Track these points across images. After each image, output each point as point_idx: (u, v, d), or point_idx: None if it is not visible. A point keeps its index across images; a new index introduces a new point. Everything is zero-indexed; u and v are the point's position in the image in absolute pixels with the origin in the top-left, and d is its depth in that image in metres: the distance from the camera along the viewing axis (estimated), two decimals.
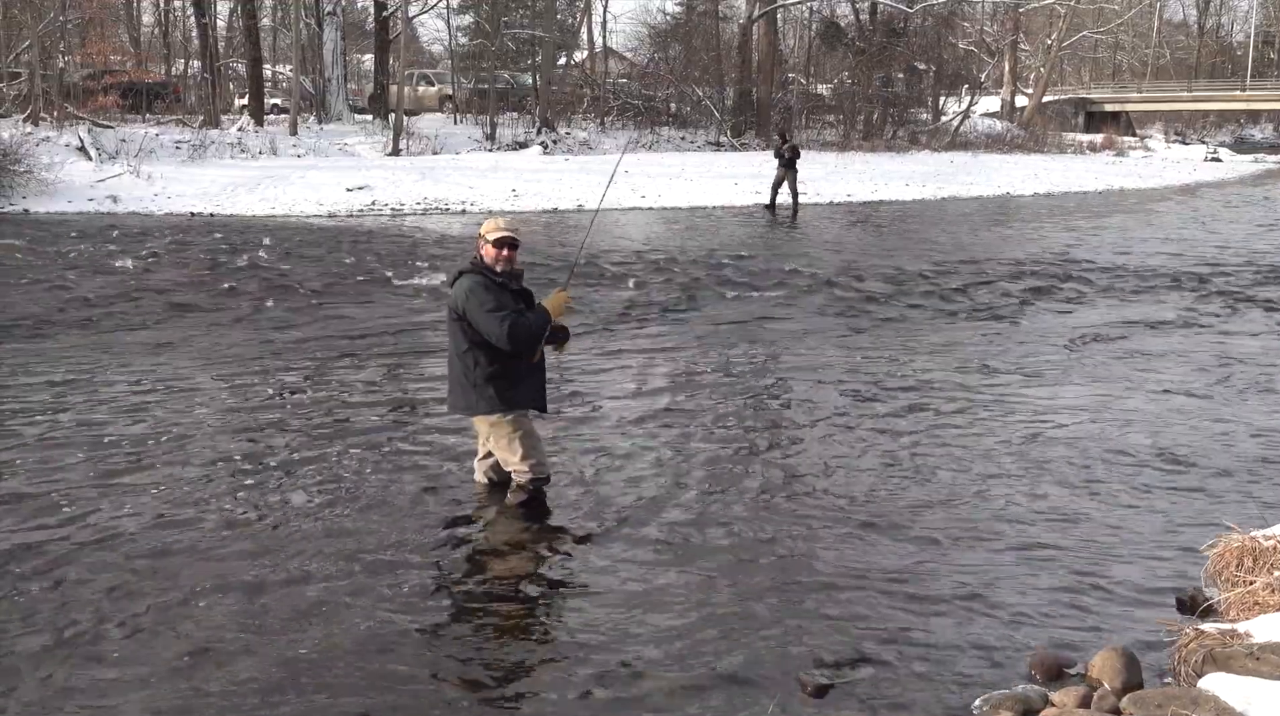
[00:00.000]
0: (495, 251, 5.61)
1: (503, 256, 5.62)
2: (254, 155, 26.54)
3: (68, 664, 4.19)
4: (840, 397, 8.24)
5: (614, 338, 10.25)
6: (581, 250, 8.04)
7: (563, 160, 29.39)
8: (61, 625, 4.48)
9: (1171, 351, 10.08)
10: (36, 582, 4.85)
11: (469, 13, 40.06)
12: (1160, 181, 36.21)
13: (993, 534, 5.64)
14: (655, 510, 5.85)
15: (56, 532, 5.38)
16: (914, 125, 42.63)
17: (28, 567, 4.98)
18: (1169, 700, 3.73)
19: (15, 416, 7.31)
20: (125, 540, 5.30)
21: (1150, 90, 59.39)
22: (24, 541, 5.26)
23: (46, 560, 5.06)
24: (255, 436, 6.98)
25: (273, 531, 5.47)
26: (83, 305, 11.37)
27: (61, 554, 5.14)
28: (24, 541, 5.26)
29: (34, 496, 5.83)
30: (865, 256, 16.26)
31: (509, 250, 5.64)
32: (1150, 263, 15.98)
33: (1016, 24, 49.45)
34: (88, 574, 4.94)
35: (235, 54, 38.03)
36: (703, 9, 41.58)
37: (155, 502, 5.78)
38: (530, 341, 5.56)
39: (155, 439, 6.85)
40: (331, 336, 10.16)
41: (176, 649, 4.30)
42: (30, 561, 5.05)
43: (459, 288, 5.60)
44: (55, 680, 4.08)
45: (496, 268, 5.61)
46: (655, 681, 4.16)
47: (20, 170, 21.03)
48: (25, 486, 5.99)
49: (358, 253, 15.45)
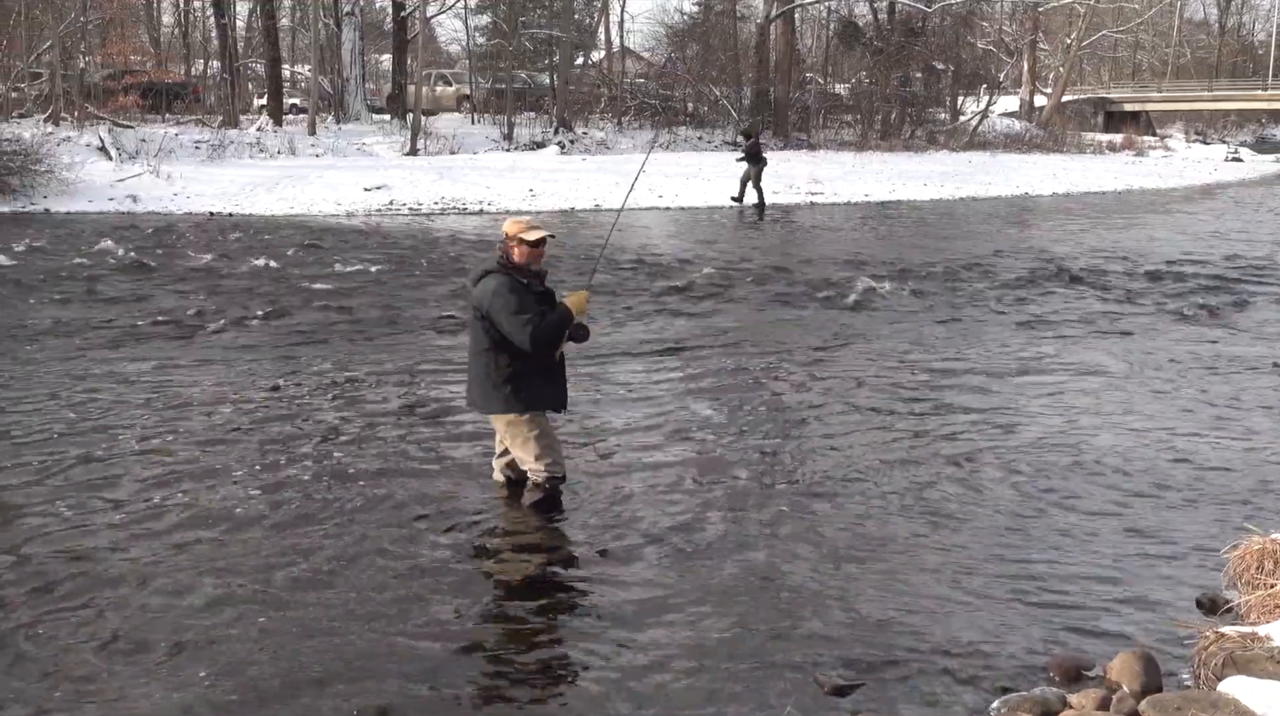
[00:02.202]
0: (533, 251, 5.65)
1: (538, 255, 5.67)
2: (272, 155, 26.64)
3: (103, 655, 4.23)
4: (866, 400, 8.22)
5: (634, 337, 10.24)
6: (605, 249, 8.00)
7: (580, 160, 29.40)
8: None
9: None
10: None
11: (487, 13, 40.09)
12: (1180, 181, 36.00)
13: (1011, 535, 5.62)
14: (670, 510, 5.85)
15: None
16: (932, 125, 42.44)
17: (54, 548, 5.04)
18: (1188, 703, 3.70)
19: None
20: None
21: (1170, 90, 59.01)
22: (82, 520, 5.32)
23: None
24: (258, 434, 7.02)
25: (277, 528, 5.49)
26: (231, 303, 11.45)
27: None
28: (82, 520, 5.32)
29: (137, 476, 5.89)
30: (913, 250, 16.23)
31: (542, 249, 5.70)
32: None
33: (1036, 23, 49.20)
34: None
35: (254, 54, 38.18)
36: (720, 9, 41.51)
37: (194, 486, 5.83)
38: (552, 343, 5.58)
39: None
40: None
41: (165, 648, 4.34)
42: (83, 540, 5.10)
43: (484, 287, 5.59)
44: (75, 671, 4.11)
45: (531, 267, 5.65)
46: (670, 680, 4.16)
47: (41, 170, 21.19)
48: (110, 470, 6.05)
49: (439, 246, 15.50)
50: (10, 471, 6.22)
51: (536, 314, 5.52)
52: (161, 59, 38.00)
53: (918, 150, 37.64)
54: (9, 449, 6.62)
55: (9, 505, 5.73)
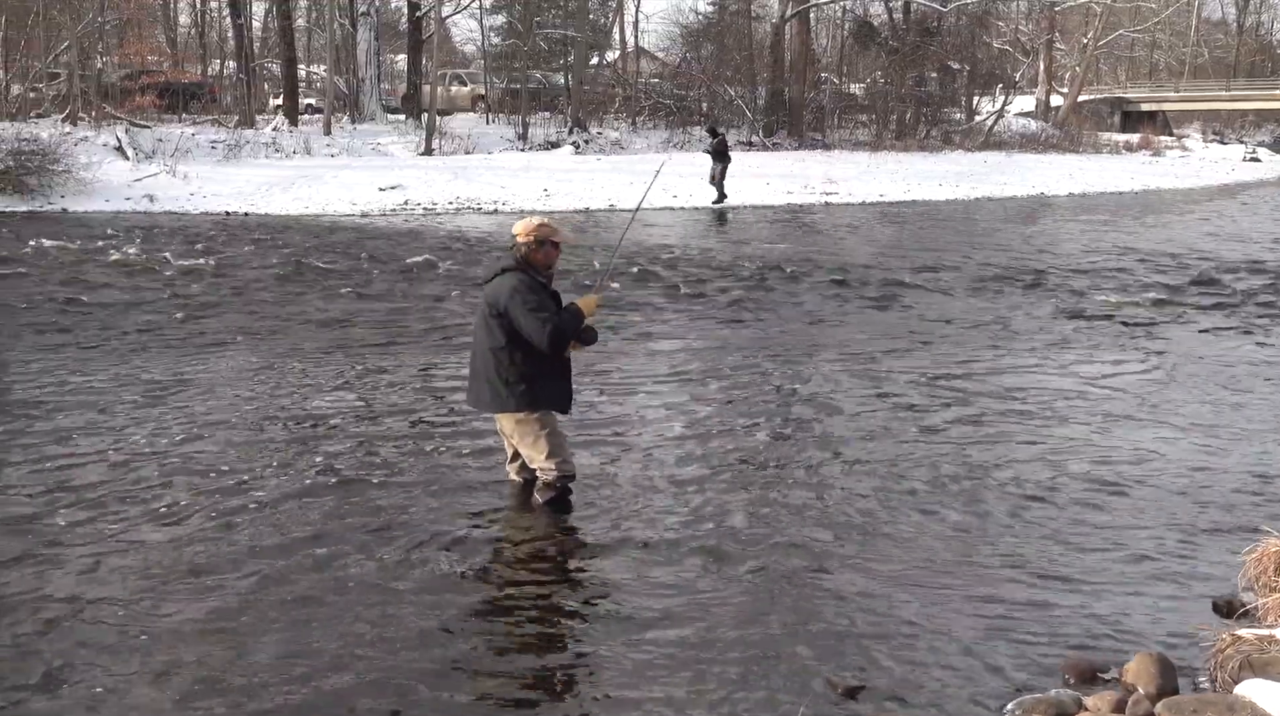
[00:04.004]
0: (555, 252, 5.74)
1: (555, 256, 5.76)
2: (288, 155, 26.72)
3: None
4: (886, 401, 8.19)
5: (648, 337, 10.23)
6: (616, 253, 8.02)
7: (594, 160, 29.40)
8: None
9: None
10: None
11: (502, 13, 40.14)
12: (1198, 182, 35.79)
13: (1027, 537, 5.60)
14: (681, 511, 5.84)
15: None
16: (947, 125, 42.28)
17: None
18: (1204, 706, 3.68)
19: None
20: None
21: (1188, 89, 58.59)
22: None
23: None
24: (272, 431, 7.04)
25: (285, 526, 5.51)
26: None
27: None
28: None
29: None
30: (947, 251, 16.19)
31: (558, 251, 5.79)
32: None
33: (1052, 23, 48.96)
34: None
35: (270, 54, 38.32)
36: (735, 8, 41.44)
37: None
38: (566, 342, 5.60)
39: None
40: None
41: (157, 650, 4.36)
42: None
43: (501, 284, 5.60)
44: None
45: (548, 268, 5.70)
46: (681, 680, 4.15)
47: (59, 170, 21.28)
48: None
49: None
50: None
51: (553, 313, 5.54)
52: (178, 59, 38.19)
53: (933, 150, 37.50)
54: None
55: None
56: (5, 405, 7.54)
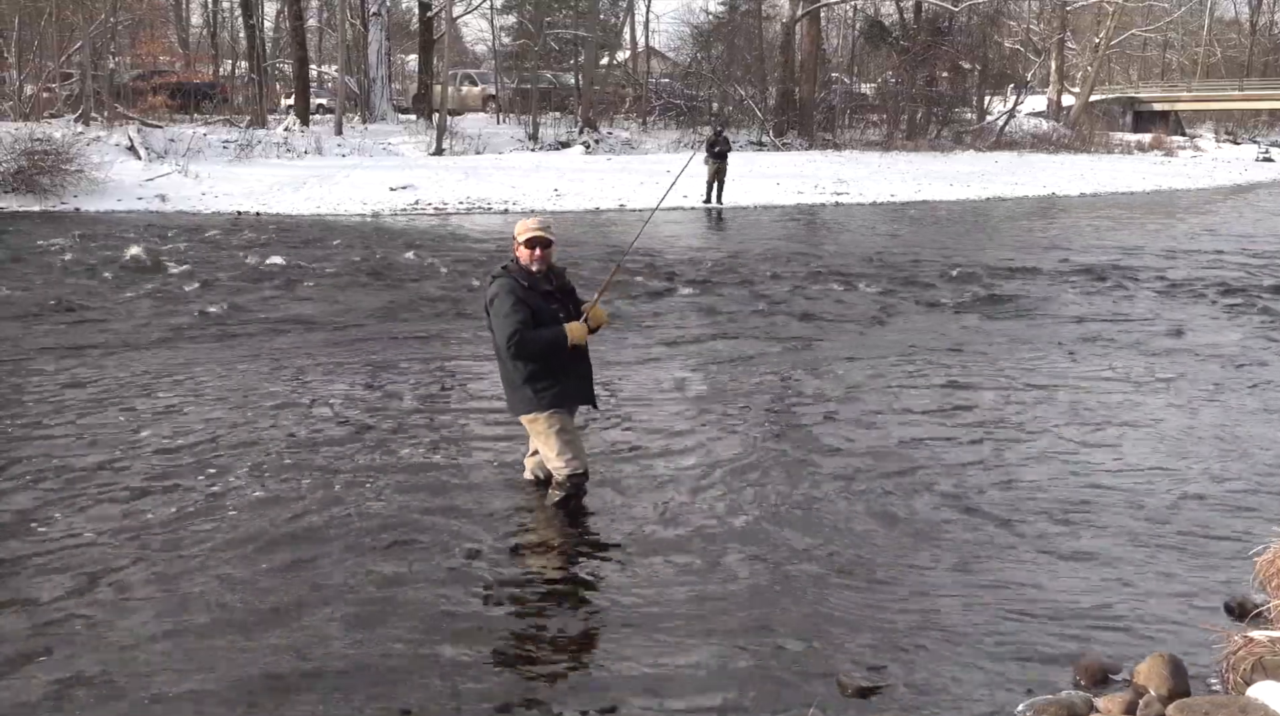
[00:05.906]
0: (528, 252, 5.59)
1: (535, 256, 5.60)
2: (299, 155, 26.81)
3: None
4: (902, 403, 8.18)
5: (659, 338, 10.23)
6: (625, 257, 7.97)
7: (605, 160, 29.43)
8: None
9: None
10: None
11: (512, 13, 40.22)
12: (1210, 182, 35.64)
13: (1038, 538, 5.59)
14: (691, 510, 5.84)
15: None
16: (958, 125, 42.23)
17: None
18: (1216, 708, 3.67)
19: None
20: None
21: (1200, 89, 58.36)
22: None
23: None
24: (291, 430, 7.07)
25: (295, 529, 5.53)
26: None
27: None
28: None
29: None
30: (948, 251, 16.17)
31: (541, 249, 5.61)
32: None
33: (1064, 22, 48.88)
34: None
35: (282, 54, 38.50)
36: (746, 8, 41.41)
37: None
38: (531, 357, 5.52)
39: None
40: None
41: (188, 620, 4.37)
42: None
43: (490, 289, 5.61)
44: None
45: (532, 268, 5.60)
46: (692, 680, 4.16)
47: (72, 169, 21.40)
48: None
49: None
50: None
51: (524, 323, 5.42)
52: (190, 59, 38.41)
53: (944, 150, 37.45)
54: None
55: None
56: (16, 403, 7.58)
